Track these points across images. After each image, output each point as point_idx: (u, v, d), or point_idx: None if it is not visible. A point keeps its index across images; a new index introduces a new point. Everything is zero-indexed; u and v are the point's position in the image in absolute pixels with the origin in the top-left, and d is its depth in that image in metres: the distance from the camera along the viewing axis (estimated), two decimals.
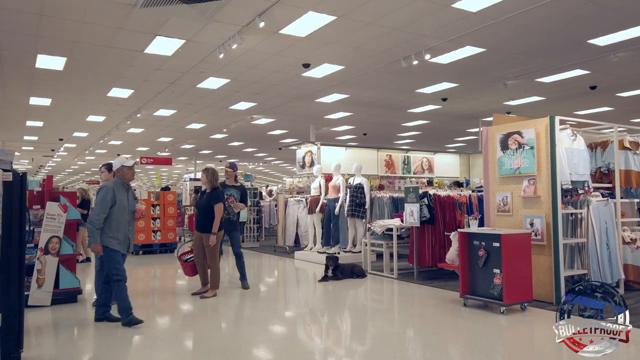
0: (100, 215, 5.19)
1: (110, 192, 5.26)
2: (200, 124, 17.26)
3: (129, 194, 5.48)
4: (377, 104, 14.32)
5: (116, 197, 5.28)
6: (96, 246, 5.21)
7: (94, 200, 6.50)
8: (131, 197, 5.54)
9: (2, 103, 13.36)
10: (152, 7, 6.98)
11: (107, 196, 5.23)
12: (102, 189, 5.31)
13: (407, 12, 7.43)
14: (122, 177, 5.46)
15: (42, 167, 33.97)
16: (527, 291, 5.76)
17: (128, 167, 5.47)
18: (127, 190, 5.48)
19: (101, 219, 5.19)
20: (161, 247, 11.89)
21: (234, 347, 4.67)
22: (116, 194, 5.29)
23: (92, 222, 5.21)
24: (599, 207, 6.36)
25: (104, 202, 5.22)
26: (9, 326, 3.78)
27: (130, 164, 5.50)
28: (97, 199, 5.30)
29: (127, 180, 5.50)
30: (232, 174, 7.73)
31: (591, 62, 10.13)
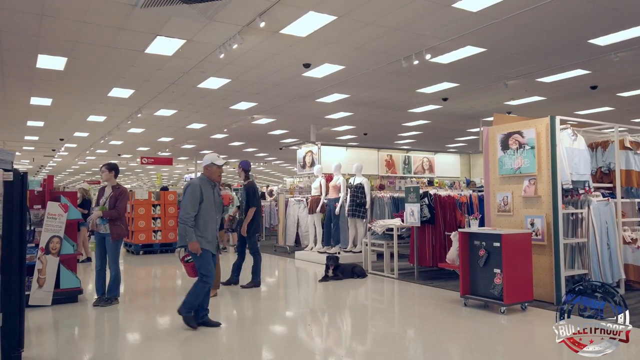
0: (190, 212, 4.95)
1: (197, 188, 5.03)
2: (201, 124, 17.27)
3: (214, 191, 5.24)
4: (377, 104, 14.32)
5: (203, 194, 5.04)
6: (193, 244, 4.94)
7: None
8: (217, 195, 5.29)
9: (3, 103, 13.37)
10: (152, 7, 6.99)
11: (196, 192, 5.01)
12: (189, 186, 5.09)
13: (407, 12, 7.43)
14: (210, 174, 5.23)
15: (43, 167, 34.01)
16: (528, 291, 5.76)
17: (217, 166, 5.24)
18: (213, 188, 5.23)
19: (191, 216, 4.95)
20: (162, 247, 11.89)
21: (234, 347, 4.68)
22: (203, 191, 5.06)
23: (184, 220, 4.95)
24: (600, 207, 6.36)
25: (194, 198, 4.98)
26: (10, 326, 3.79)
27: (221, 162, 5.28)
28: (185, 195, 5.07)
29: (214, 178, 5.27)
30: (240, 172, 7.73)
31: (592, 62, 10.12)
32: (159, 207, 11.84)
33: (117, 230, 6.17)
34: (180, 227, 5.02)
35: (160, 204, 11.86)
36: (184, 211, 4.99)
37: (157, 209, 11.82)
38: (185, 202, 5.02)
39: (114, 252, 6.25)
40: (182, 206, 5.05)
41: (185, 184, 5.21)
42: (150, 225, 11.69)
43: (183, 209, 5.02)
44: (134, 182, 51.56)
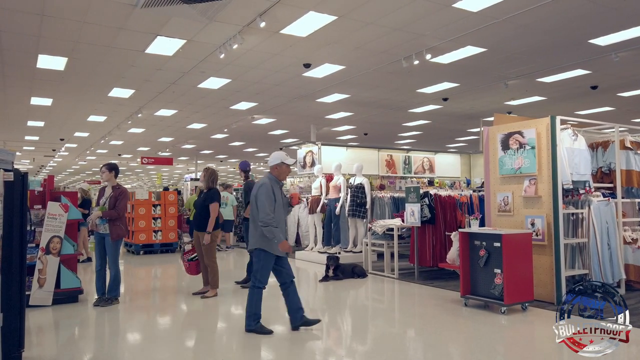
0: (270, 213, 4.76)
1: (270, 188, 4.88)
2: (201, 124, 17.27)
3: (281, 191, 5.10)
4: (378, 104, 14.31)
5: (275, 194, 4.90)
6: (284, 244, 4.80)
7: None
8: (283, 195, 5.15)
9: (4, 103, 13.38)
10: (153, 7, 6.99)
11: (270, 192, 4.85)
12: (262, 186, 4.90)
13: (407, 12, 7.43)
14: (279, 173, 5.06)
15: (43, 167, 34.02)
16: (528, 291, 5.76)
17: (287, 165, 5.08)
18: (280, 188, 5.08)
19: (273, 217, 4.76)
20: (162, 247, 11.89)
21: (235, 347, 4.68)
22: (274, 191, 4.92)
23: (267, 222, 4.74)
24: (600, 207, 6.36)
25: (270, 198, 4.82)
26: (10, 326, 3.79)
27: (290, 161, 5.13)
28: (260, 196, 4.85)
29: (283, 178, 5.13)
30: (240, 173, 7.82)
31: (592, 62, 10.12)
32: (159, 207, 11.84)
33: (116, 231, 6.17)
34: (266, 230, 4.76)
35: (161, 204, 11.85)
36: (264, 212, 4.77)
37: (157, 209, 11.82)
38: (262, 203, 4.80)
39: (113, 252, 6.25)
40: (260, 208, 4.82)
41: (257, 185, 4.99)
42: (151, 225, 11.69)
43: (262, 211, 4.79)
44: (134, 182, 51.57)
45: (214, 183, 6.92)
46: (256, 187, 4.98)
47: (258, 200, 4.88)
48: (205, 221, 6.66)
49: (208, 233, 6.62)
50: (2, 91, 12.03)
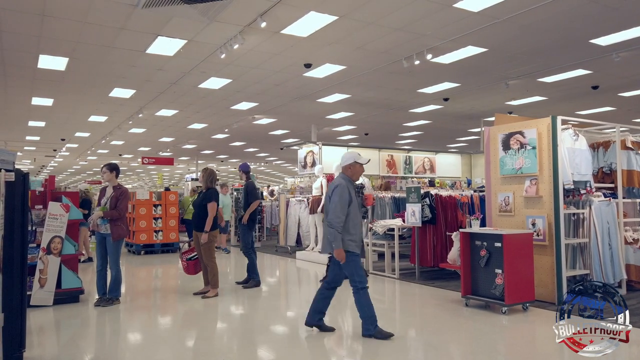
0: (341, 216, 4.63)
1: (346, 189, 4.73)
2: (202, 124, 17.28)
3: (356, 191, 4.96)
4: (378, 104, 14.31)
5: (350, 195, 4.75)
6: (340, 252, 4.62)
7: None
8: (358, 195, 5.02)
9: (5, 103, 13.39)
10: (153, 8, 6.99)
11: (345, 194, 4.70)
12: (337, 187, 4.75)
13: (408, 12, 7.43)
14: (352, 173, 4.93)
15: (44, 167, 34.05)
16: (529, 291, 5.75)
17: (360, 164, 4.95)
18: (354, 187, 4.95)
19: (342, 220, 4.63)
20: (163, 247, 11.90)
21: (235, 347, 4.68)
22: (350, 192, 4.78)
23: (334, 225, 4.61)
24: (601, 207, 6.35)
25: (344, 200, 4.67)
26: (12, 326, 3.79)
27: (364, 160, 4.99)
28: (333, 197, 4.72)
29: (356, 178, 4.97)
30: (242, 175, 7.87)
31: (593, 62, 10.11)
32: (160, 207, 11.85)
33: (117, 231, 6.18)
34: (329, 232, 4.64)
35: (162, 204, 11.86)
36: (335, 215, 4.63)
37: (158, 209, 11.82)
38: (334, 205, 4.66)
39: (114, 253, 6.25)
40: (332, 209, 4.69)
41: (332, 186, 4.84)
42: (152, 226, 11.70)
43: (333, 212, 4.66)
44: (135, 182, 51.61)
45: (212, 183, 6.93)
46: (331, 187, 4.84)
47: (331, 201, 4.76)
48: (203, 221, 6.67)
49: (206, 232, 6.63)
50: (3, 91, 12.04)
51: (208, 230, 6.64)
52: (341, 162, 4.99)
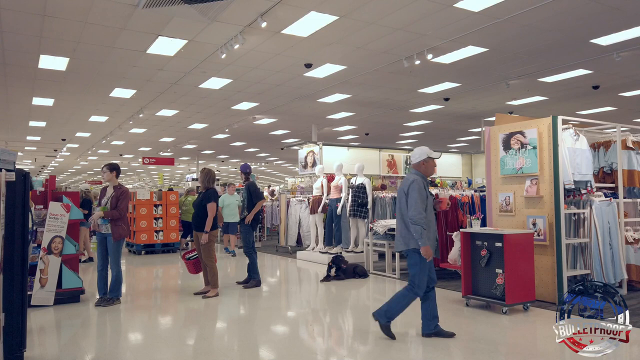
0: (422, 212, 4.47)
1: (422, 185, 4.59)
2: (203, 124, 17.29)
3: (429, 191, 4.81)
4: (379, 104, 14.31)
5: (426, 192, 4.63)
6: (427, 249, 4.48)
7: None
8: (431, 194, 4.83)
9: (5, 103, 13.41)
10: (154, 8, 7.00)
11: (422, 190, 4.57)
12: (413, 182, 4.59)
13: (409, 12, 7.43)
14: (425, 170, 4.77)
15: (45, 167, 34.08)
16: (530, 291, 5.75)
17: (433, 160, 4.82)
18: (428, 184, 4.80)
19: (424, 216, 4.48)
20: (163, 247, 11.91)
21: (236, 347, 4.68)
22: (426, 189, 4.64)
23: (418, 221, 4.46)
24: (602, 207, 6.35)
25: (422, 196, 4.54)
26: (12, 326, 3.79)
27: (437, 155, 4.86)
28: (412, 193, 4.54)
29: (429, 174, 4.84)
30: (242, 175, 7.85)
31: (594, 62, 10.11)
32: (160, 207, 11.85)
33: (118, 231, 6.18)
34: (416, 230, 4.47)
35: (162, 204, 11.87)
36: (417, 211, 4.47)
37: (158, 209, 11.83)
38: (414, 200, 4.50)
39: (115, 252, 6.25)
40: (412, 205, 4.52)
41: (408, 181, 4.64)
42: (152, 226, 11.70)
43: (414, 209, 4.49)
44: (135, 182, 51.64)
45: (210, 183, 6.94)
46: (406, 183, 4.67)
47: (409, 197, 4.57)
48: (202, 221, 6.68)
49: (205, 233, 6.64)
50: (4, 91, 12.05)
51: (208, 231, 6.65)
52: (413, 158, 4.84)
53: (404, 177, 4.86)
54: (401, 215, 4.69)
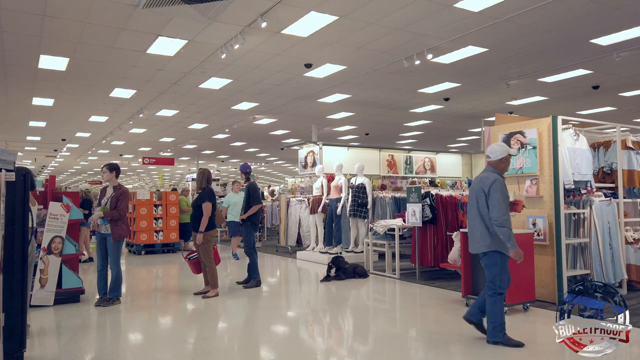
0: (506, 213, 4.34)
1: (504, 185, 4.45)
2: (203, 124, 17.29)
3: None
4: (379, 104, 14.31)
5: (506, 191, 4.49)
6: (518, 251, 4.36)
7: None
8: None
9: (5, 103, 13.41)
10: (154, 8, 7.00)
11: (504, 189, 4.43)
12: (495, 182, 4.41)
13: (409, 12, 7.43)
14: (504, 167, 4.62)
15: (45, 168, 34.08)
16: (530, 291, 5.75)
17: (510, 156, 4.67)
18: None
19: (509, 217, 4.37)
20: (163, 247, 11.91)
21: (236, 346, 4.68)
22: (505, 187, 4.49)
23: (503, 222, 4.31)
24: (602, 207, 6.35)
25: (505, 196, 4.41)
26: (12, 326, 3.79)
27: (515, 152, 4.71)
28: (494, 193, 4.38)
29: (504, 171, 4.67)
30: (242, 175, 7.87)
31: (594, 62, 10.11)
32: (160, 207, 11.85)
33: (118, 231, 6.18)
34: (501, 231, 4.32)
35: (162, 204, 11.87)
36: (500, 212, 4.32)
37: (158, 209, 11.83)
38: (497, 201, 4.34)
39: (115, 253, 6.25)
40: (495, 205, 4.36)
41: (490, 181, 4.46)
42: (152, 226, 11.70)
43: (499, 210, 4.33)
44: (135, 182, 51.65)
45: (207, 183, 6.95)
46: (486, 182, 4.48)
47: (491, 198, 4.40)
48: (199, 221, 6.69)
49: (201, 233, 6.65)
50: (4, 91, 12.05)
51: (203, 231, 6.65)
52: (493, 155, 4.63)
53: (480, 176, 4.65)
54: (480, 215, 4.50)
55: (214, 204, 6.83)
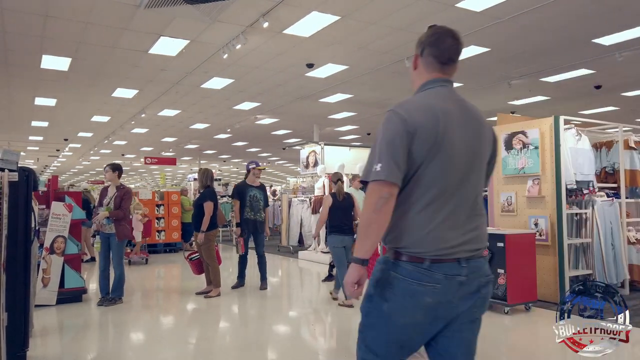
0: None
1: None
2: (204, 124, 17.30)
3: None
4: (381, 104, 14.31)
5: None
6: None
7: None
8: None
9: (8, 103, 13.44)
10: (156, 8, 7.01)
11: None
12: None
13: (410, 12, 7.42)
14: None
15: (47, 167, 34.14)
16: (532, 291, 5.75)
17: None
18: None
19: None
20: (165, 247, 11.92)
21: (237, 346, 4.69)
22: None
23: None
24: (604, 207, 6.34)
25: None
26: (15, 325, 3.80)
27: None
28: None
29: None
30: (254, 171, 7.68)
31: (596, 62, 10.09)
32: (162, 207, 11.87)
33: (122, 230, 6.20)
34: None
35: (164, 204, 11.88)
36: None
37: (160, 209, 11.84)
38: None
39: (118, 252, 6.27)
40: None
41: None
42: (154, 225, 11.71)
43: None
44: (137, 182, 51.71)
45: (208, 182, 6.95)
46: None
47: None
48: (201, 221, 6.70)
49: (202, 232, 6.65)
50: (6, 91, 12.08)
51: (204, 230, 6.66)
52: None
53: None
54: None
55: (215, 203, 6.84)
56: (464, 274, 1.86)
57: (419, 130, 1.84)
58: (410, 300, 1.84)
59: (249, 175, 7.47)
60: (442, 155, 1.86)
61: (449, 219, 1.87)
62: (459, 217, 1.89)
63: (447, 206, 1.87)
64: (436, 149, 1.85)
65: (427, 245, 1.84)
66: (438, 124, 1.87)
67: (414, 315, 1.86)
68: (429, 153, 1.84)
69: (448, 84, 2.11)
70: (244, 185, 7.37)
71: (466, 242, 1.89)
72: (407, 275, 1.84)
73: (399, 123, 1.85)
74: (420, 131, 1.84)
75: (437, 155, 1.85)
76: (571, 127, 6.33)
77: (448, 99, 2.02)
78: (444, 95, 2.04)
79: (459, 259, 1.86)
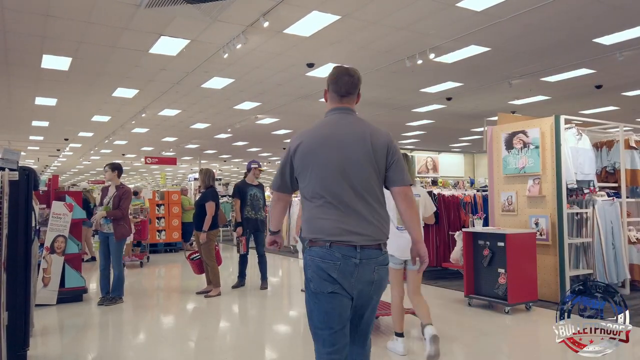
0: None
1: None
2: (205, 123, 17.30)
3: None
4: (381, 104, 14.31)
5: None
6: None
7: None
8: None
9: (8, 103, 13.44)
10: (156, 7, 7.01)
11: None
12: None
13: (411, 11, 7.42)
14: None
15: (48, 167, 34.16)
16: (532, 291, 5.75)
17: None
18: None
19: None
20: (166, 247, 11.93)
21: (238, 346, 4.69)
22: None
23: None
24: (605, 207, 6.34)
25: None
26: (15, 324, 3.81)
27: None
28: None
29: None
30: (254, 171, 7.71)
31: (597, 61, 10.08)
32: (163, 206, 11.87)
33: (120, 230, 6.20)
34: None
35: (165, 204, 11.88)
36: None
37: (161, 209, 11.85)
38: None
39: (117, 252, 6.27)
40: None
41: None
42: (155, 225, 11.72)
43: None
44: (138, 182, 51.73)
45: (210, 181, 6.95)
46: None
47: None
48: (202, 220, 6.70)
49: (204, 232, 6.66)
50: (7, 91, 12.09)
51: (206, 230, 6.66)
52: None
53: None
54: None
55: (217, 203, 6.84)
56: (358, 258, 2.39)
57: (297, 150, 2.53)
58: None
59: (248, 175, 7.47)
60: (314, 167, 2.46)
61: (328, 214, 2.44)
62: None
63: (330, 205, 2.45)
64: (307, 163, 2.48)
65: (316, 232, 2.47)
66: (312, 145, 2.51)
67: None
68: (303, 166, 2.49)
69: (344, 111, 2.73)
70: (244, 184, 7.38)
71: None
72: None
73: (288, 148, 2.59)
74: (298, 150, 2.53)
75: (309, 167, 2.47)
76: (572, 127, 6.33)
77: (335, 125, 2.64)
78: (334, 121, 2.68)
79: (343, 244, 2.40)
